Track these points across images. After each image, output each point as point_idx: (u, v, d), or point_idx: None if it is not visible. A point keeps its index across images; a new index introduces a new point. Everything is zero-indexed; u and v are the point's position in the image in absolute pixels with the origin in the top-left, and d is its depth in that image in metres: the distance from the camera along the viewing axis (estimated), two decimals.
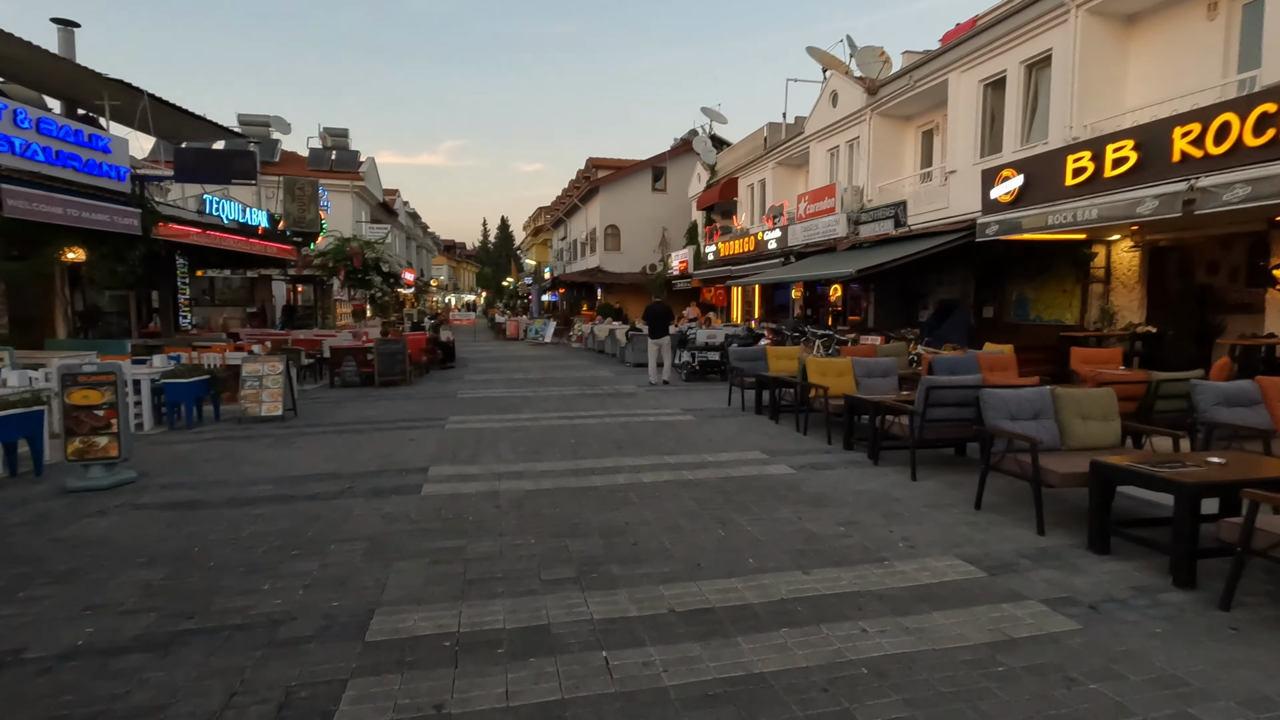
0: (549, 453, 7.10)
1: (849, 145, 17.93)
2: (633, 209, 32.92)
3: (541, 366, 17.19)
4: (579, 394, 11.80)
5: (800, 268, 16.13)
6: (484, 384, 13.52)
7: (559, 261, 45.30)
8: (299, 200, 17.46)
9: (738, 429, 8.47)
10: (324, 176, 28.64)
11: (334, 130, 30.69)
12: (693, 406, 10.30)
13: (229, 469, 6.39)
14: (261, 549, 4.24)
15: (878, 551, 4.22)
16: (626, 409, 10.08)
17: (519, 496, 5.45)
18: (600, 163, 35.27)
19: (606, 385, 13.04)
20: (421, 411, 9.92)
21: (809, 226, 17.11)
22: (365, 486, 5.73)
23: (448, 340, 17.99)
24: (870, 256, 13.24)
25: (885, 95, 15.90)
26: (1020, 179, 10.16)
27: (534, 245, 58.17)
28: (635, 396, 11.48)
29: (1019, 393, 5.10)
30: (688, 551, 4.22)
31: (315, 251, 26.06)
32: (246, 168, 12.53)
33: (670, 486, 5.75)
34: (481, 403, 10.82)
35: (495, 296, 73.14)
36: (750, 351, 10.42)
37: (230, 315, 27.33)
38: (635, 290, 32.03)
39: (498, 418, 9.33)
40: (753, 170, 23.95)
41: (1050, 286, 12.38)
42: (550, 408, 10.23)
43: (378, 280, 27.03)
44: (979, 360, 8.51)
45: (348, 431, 8.33)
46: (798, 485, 5.77)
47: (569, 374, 15.24)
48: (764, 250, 19.63)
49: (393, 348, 13.12)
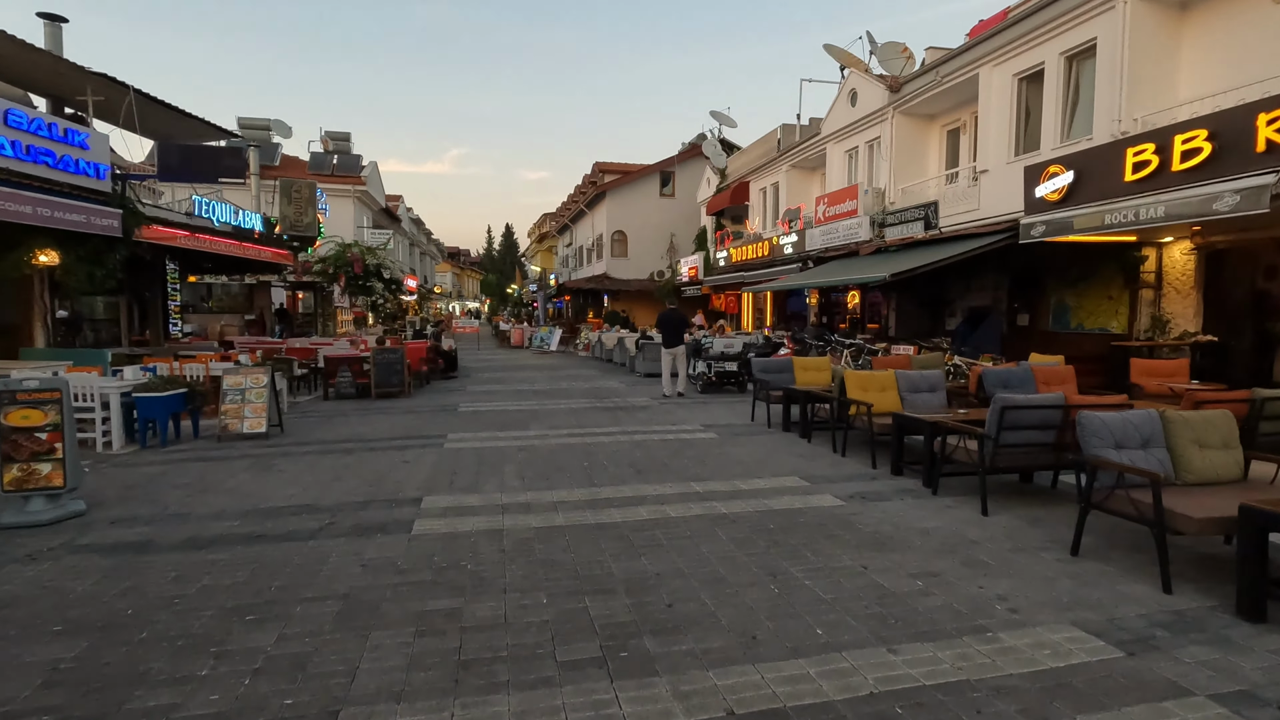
0: (559, 478, 6.29)
1: (869, 146, 17.15)
2: (640, 214, 32.20)
3: (548, 377, 16.40)
4: (589, 407, 11.00)
5: (822, 273, 15.32)
6: (487, 396, 12.72)
7: (564, 268, 44.60)
8: (296, 203, 16.75)
9: (767, 449, 7.65)
10: (325, 181, 28.01)
11: (336, 134, 30.07)
12: (713, 422, 9.48)
13: (195, 498, 5.59)
14: (210, 612, 3.44)
15: (974, 617, 3.39)
16: (641, 425, 9.26)
17: (526, 537, 4.64)
18: (607, 167, 34.59)
19: (617, 397, 12.23)
20: (419, 427, 9.12)
21: (828, 230, 16.32)
22: (347, 523, 4.92)
23: (450, 349, 17.21)
24: (900, 260, 12.43)
25: (909, 93, 15.13)
26: (1069, 175, 9.35)
27: (539, 252, 57.53)
28: (649, 410, 10.67)
29: (1123, 416, 4.28)
30: (737, 617, 3.40)
31: (315, 257, 25.43)
32: (235, 166, 11.80)
33: (702, 523, 4.93)
34: (484, 417, 10.02)
35: (500, 304, 72.50)
36: (775, 363, 9.61)
37: (228, 322, 26.63)
38: (643, 297, 31.27)
39: (501, 435, 8.52)
40: (765, 173, 23.20)
41: (1094, 292, 11.54)
42: (558, 423, 9.42)
43: (379, 287, 26.34)
44: (1034, 373, 7.68)
45: (336, 451, 7.53)
46: (851, 521, 4.94)
47: (577, 385, 14.44)
48: (779, 255, 18.84)
49: (390, 357, 12.34)
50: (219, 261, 16.01)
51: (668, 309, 12.56)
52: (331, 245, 25.47)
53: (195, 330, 22.32)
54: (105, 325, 15.64)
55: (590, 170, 37.15)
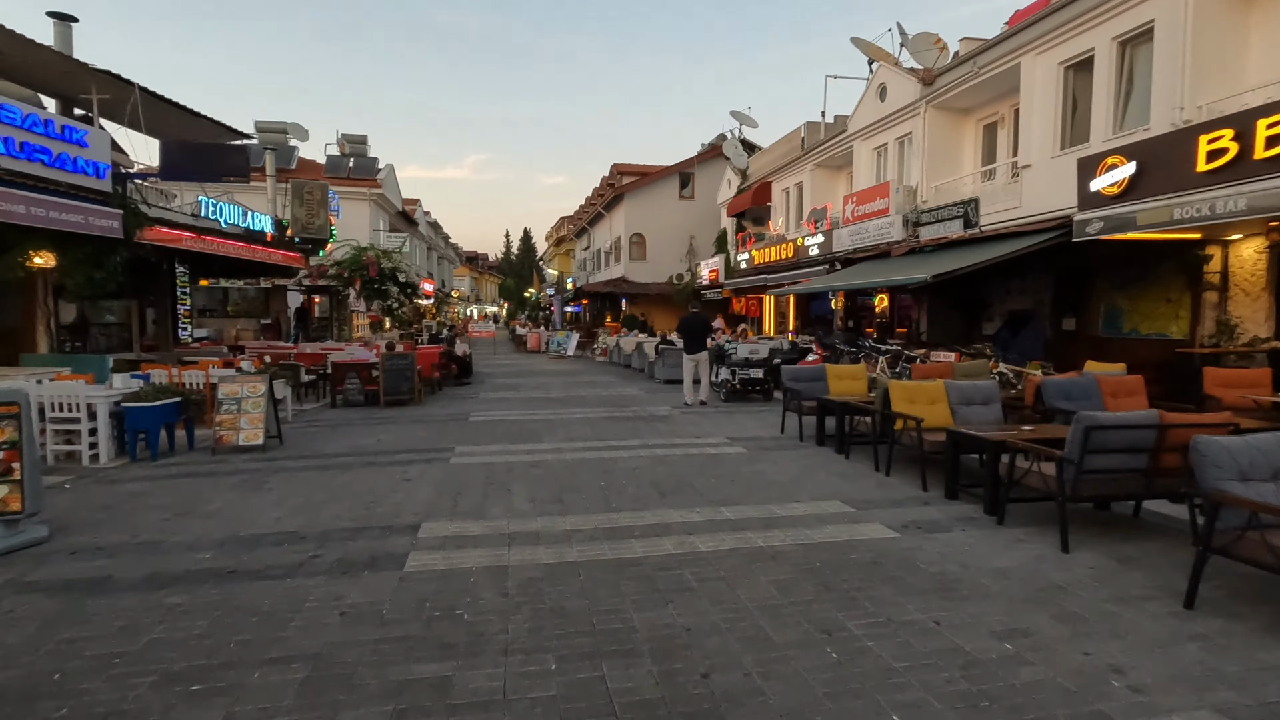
0: (574, 500, 5.67)
1: (899, 143, 16.39)
2: (659, 216, 31.60)
3: (564, 383, 15.82)
4: (606, 417, 10.38)
5: (852, 274, 14.57)
6: (500, 404, 12.16)
7: (581, 272, 44.12)
8: (307, 205, 16.37)
9: (801, 466, 6.97)
10: (341, 184, 27.79)
11: (352, 137, 29.84)
12: (740, 434, 8.81)
13: (172, 523, 5.06)
14: (150, 678, 2.86)
15: (1088, 698, 2.71)
16: (663, 437, 8.62)
17: (534, 576, 4.02)
18: (625, 169, 34.05)
19: (637, 406, 11.60)
20: (426, 439, 8.55)
21: (857, 230, 15.58)
22: (333, 556, 4.34)
23: (464, 354, 16.72)
24: (938, 261, 11.67)
25: (943, 86, 14.37)
26: (1130, 167, 8.57)
27: (556, 255, 57.18)
28: (671, 420, 10.03)
29: (1247, 442, 3.56)
30: (790, 695, 2.75)
31: (330, 261, 25.15)
32: (239, 164, 11.37)
33: (737, 560, 4.28)
34: (496, 428, 9.44)
35: (517, 308, 72.34)
36: (807, 370, 8.92)
37: (244, 327, 26.48)
38: (661, 301, 30.64)
39: (513, 449, 7.92)
40: (788, 173, 22.49)
41: (1150, 294, 10.70)
42: (574, 435, 8.81)
43: (394, 290, 26.00)
44: (1099, 384, 6.93)
45: (334, 467, 6.98)
46: (910, 558, 4.27)
47: (594, 392, 13.84)
48: (804, 257, 18.11)
49: (399, 364, 11.82)
50: (229, 265, 15.65)
51: (690, 313, 11.92)
52: (347, 249, 25.21)
53: (210, 335, 22.13)
54: (117, 330, 15.35)
55: (608, 172, 36.64)
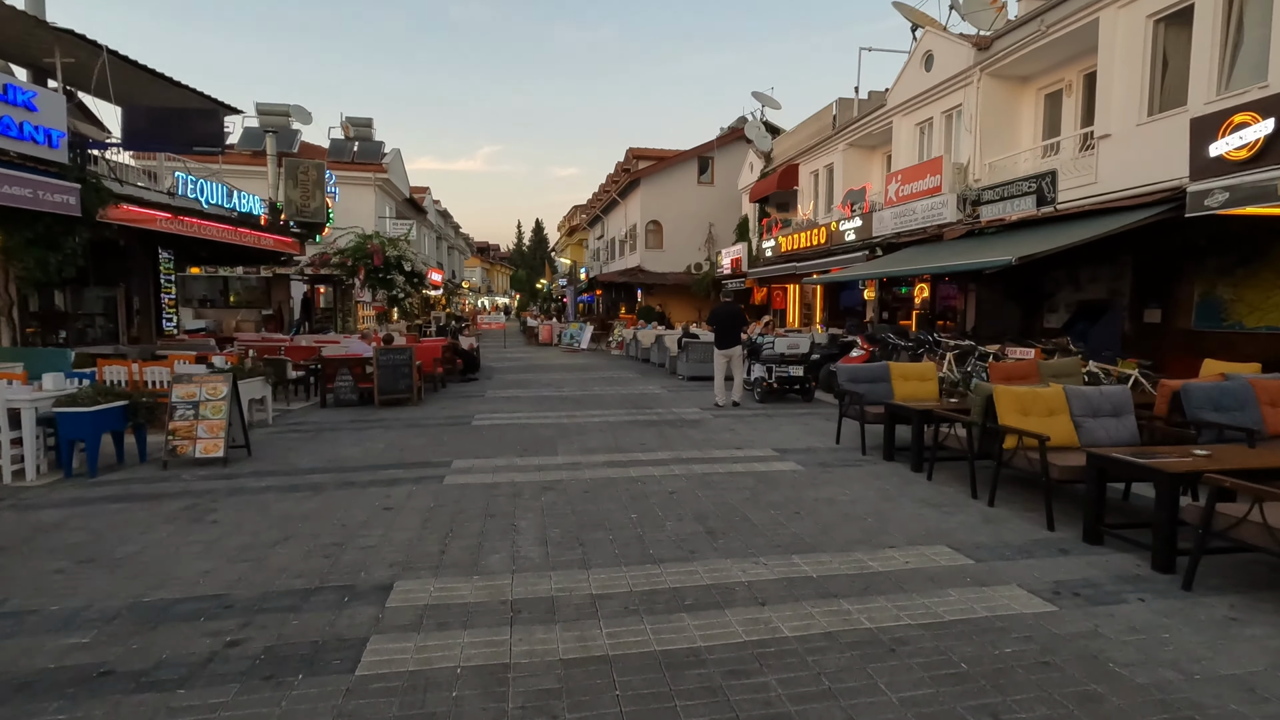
0: (599, 544, 4.36)
1: (945, 117, 14.89)
2: (676, 203, 30.16)
3: (578, 379, 14.52)
4: (629, 420, 9.07)
5: (900, 260, 13.08)
6: (509, 404, 10.88)
7: (595, 262, 42.79)
8: (302, 186, 15.16)
9: (877, 491, 5.63)
10: (344, 168, 26.63)
11: (357, 120, 28.60)
12: (789, 445, 7.47)
13: (65, 577, 3.80)
14: None
15: None
16: (698, 449, 7.29)
17: (547, 688, 2.71)
18: (641, 153, 32.63)
19: (661, 407, 10.28)
20: (420, 449, 7.28)
21: (902, 212, 14.12)
22: (261, 641, 3.05)
23: (471, 348, 15.47)
24: (1007, 243, 10.22)
25: (1000, 51, 12.84)
26: (1267, 125, 7.10)
27: (569, 245, 55.86)
28: (704, 426, 8.70)
29: None
30: None
31: (333, 249, 24.02)
32: (210, 132, 10.09)
33: (842, 654, 2.95)
34: (502, 435, 8.16)
35: (529, 299, 71.17)
36: (867, 370, 7.55)
37: (244, 318, 25.43)
38: (680, 291, 29.27)
39: (520, 463, 6.63)
40: (818, 154, 20.99)
41: (1261, 281, 9.21)
42: (593, 444, 7.51)
43: (400, 280, 24.80)
44: (1254, 390, 5.53)
45: (302, 488, 5.72)
46: (1095, 655, 2.91)
47: (612, 390, 12.53)
48: (839, 243, 16.67)
49: (396, 359, 10.57)
50: (218, 250, 14.48)
51: (723, 303, 10.59)
52: (351, 236, 24.09)
53: (209, 326, 21.05)
54: (102, 321, 14.21)
55: (623, 157, 35.21)
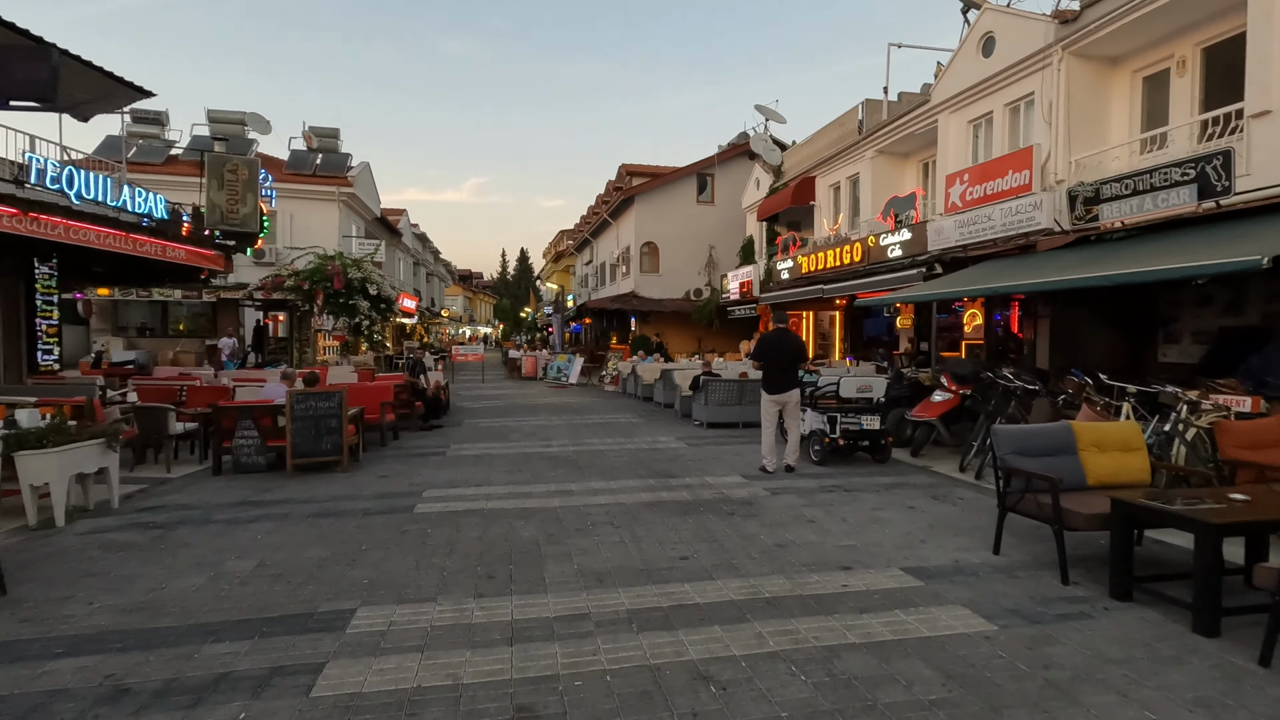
0: None
1: (1010, 110, 12.43)
2: (674, 223, 27.64)
3: (570, 426, 11.59)
4: (651, 503, 6.17)
5: (990, 275, 10.16)
6: (475, 467, 7.94)
7: (583, 288, 40.11)
8: (229, 188, 12.29)
9: (1153, 677, 2.77)
10: (306, 181, 23.88)
11: (321, 130, 25.86)
12: (924, 559, 4.60)
13: None
14: None
15: None
16: (780, 570, 4.39)
17: None
18: (635, 169, 30.18)
19: (689, 475, 7.40)
20: (310, 575, 4.33)
21: (970, 220, 11.51)
22: None
23: (434, 387, 12.52)
24: (1152, 251, 7.53)
25: (1093, 22, 10.40)
26: None
27: (554, 272, 53.23)
28: (762, 512, 5.82)
29: None
30: None
31: (287, 271, 21.15)
32: (34, 79, 7.19)
33: None
34: (456, 534, 5.22)
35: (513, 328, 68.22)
36: (1044, 437, 4.74)
37: (184, 349, 22.32)
38: (677, 319, 26.58)
39: (478, 618, 3.68)
40: (839, 164, 18.54)
41: None
42: (603, 563, 4.58)
43: (364, 305, 21.84)
44: None
45: (56, 701, 2.76)
46: None
47: (616, 444, 9.63)
48: (881, 260, 14.03)
49: (318, 407, 7.60)
50: (116, 264, 11.50)
51: (776, 330, 7.80)
52: (311, 257, 21.21)
53: (140, 358, 17.91)
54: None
55: (615, 174, 32.75)
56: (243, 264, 24.34)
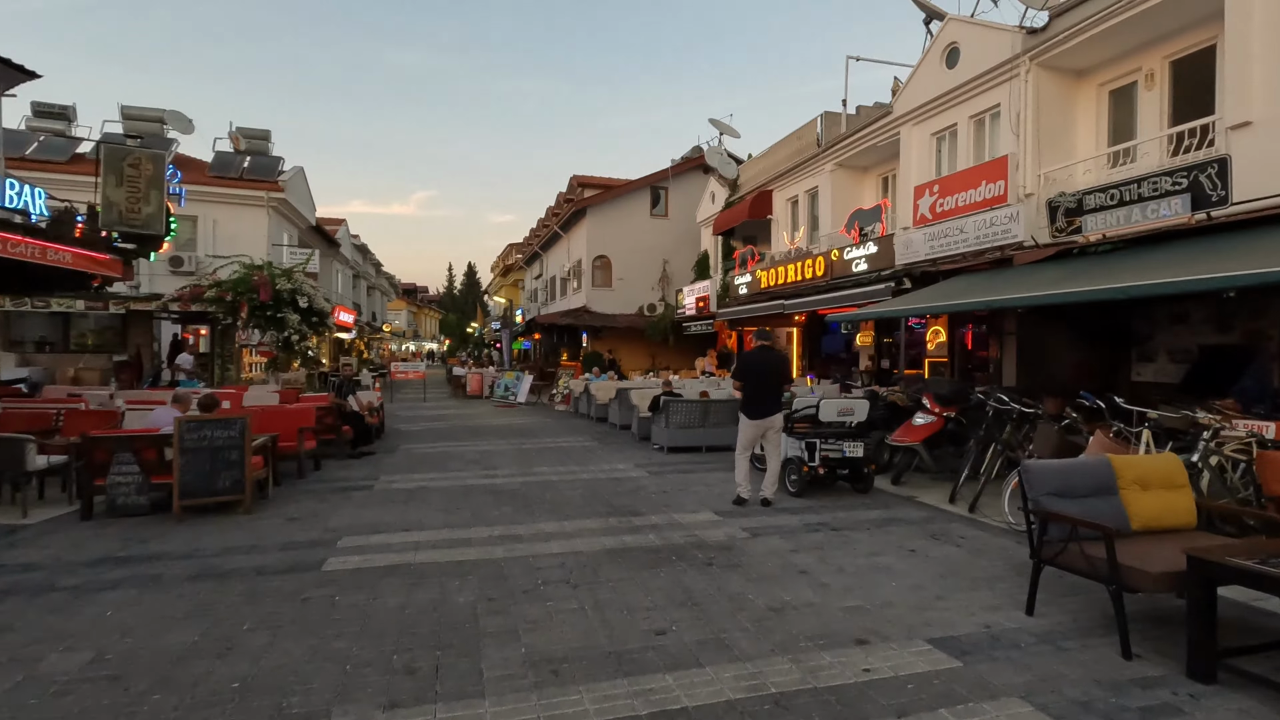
0: None
1: (975, 122, 12.13)
2: (627, 237, 26.90)
3: (518, 452, 10.54)
4: (614, 550, 5.22)
5: (956, 292, 9.63)
6: (407, 505, 6.84)
7: (532, 303, 38.95)
8: (129, 184, 10.86)
9: None
10: (231, 185, 22.11)
11: (251, 131, 24.13)
12: (949, 622, 3.80)
13: None
14: None
15: None
16: (771, 636, 3.51)
17: None
18: (587, 180, 29.37)
19: (655, 511, 6.48)
20: (179, 656, 3.23)
21: (941, 232, 11.06)
22: None
23: (368, 408, 11.29)
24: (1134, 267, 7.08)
25: (1063, 31, 10.14)
26: None
27: (503, 286, 51.84)
28: (745, 560, 4.95)
29: None
30: None
31: (208, 281, 19.41)
32: None
33: None
34: (371, 603, 4.17)
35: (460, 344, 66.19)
36: (1083, 474, 4.03)
37: (88, 365, 20.14)
38: (631, 335, 25.75)
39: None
40: (797, 177, 18.14)
41: None
42: (557, 643, 3.61)
43: (294, 318, 20.19)
44: None
45: None
46: None
47: (570, 472, 8.64)
48: (845, 274, 13.52)
49: (215, 437, 6.38)
50: None
51: (758, 346, 7.00)
52: (236, 266, 19.50)
53: (33, 375, 15.95)
54: None
55: (567, 186, 31.87)
56: (159, 273, 22.32)
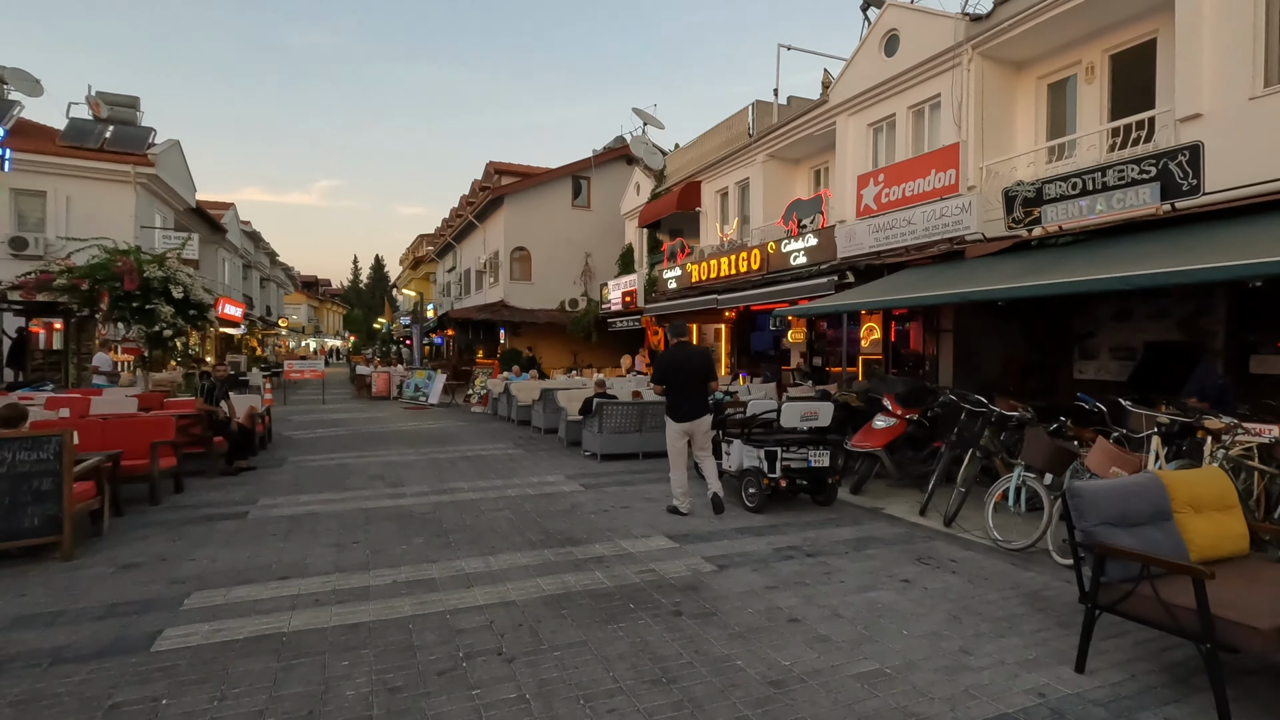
0: None
1: (914, 113, 11.81)
2: (547, 228, 25.61)
3: (430, 465, 9.23)
4: (555, 594, 4.17)
5: (905, 286, 9.10)
6: (289, 534, 5.50)
7: (445, 297, 36.86)
8: None
9: None
10: (88, 157, 19.20)
11: (114, 97, 21.09)
12: (987, 696, 3.02)
13: None
14: None
15: None
16: (790, 707, 2.63)
17: None
18: (504, 168, 27.81)
19: (596, 538, 5.47)
20: None
21: (887, 224, 10.56)
22: None
23: (249, 414, 9.63)
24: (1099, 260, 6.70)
25: (1005, 20, 9.87)
26: None
27: (413, 280, 49.07)
28: (711, 597, 4.04)
29: None
30: None
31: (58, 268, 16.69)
32: None
33: None
34: (225, 694, 2.94)
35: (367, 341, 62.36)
36: (1138, 494, 3.35)
37: None
38: (552, 331, 24.51)
39: None
40: (727, 169, 17.54)
41: None
42: None
43: (167, 310, 17.71)
44: None
45: None
46: None
47: (492, 488, 7.46)
48: (783, 267, 12.93)
49: (20, 460, 4.84)
50: None
51: (676, 343, 6.13)
52: (96, 250, 16.84)
53: None
54: None
55: (482, 174, 30.12)
56: None
